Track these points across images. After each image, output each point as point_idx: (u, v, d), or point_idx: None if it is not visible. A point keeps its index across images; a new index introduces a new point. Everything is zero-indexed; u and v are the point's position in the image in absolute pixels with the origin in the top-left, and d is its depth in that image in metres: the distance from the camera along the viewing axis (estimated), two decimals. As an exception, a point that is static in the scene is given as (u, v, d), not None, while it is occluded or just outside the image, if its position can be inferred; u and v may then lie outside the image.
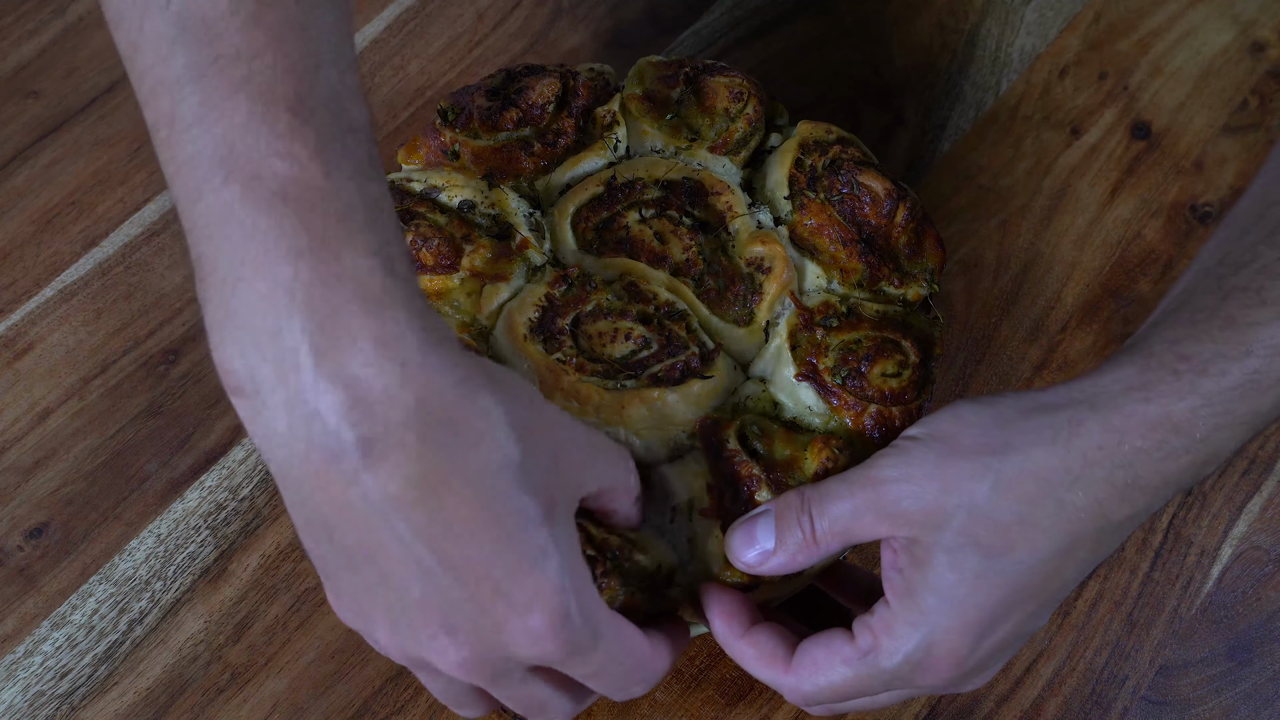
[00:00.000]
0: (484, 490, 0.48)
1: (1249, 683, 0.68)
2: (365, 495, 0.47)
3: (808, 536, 0.57)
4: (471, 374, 0.49)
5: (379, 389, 0.47)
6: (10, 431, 0.72)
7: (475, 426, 0.48)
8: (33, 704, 0.65)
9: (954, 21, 0.90)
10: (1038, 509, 0.54)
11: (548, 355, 0.63)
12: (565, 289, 0.66)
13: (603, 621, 0.52)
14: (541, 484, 0.50)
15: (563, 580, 0.50)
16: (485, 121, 0.71)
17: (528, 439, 0.50)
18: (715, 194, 0.69)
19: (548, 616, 0.50)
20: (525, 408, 0.51)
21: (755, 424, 0.63)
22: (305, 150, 0.48)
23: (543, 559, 0.49)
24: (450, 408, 0.48)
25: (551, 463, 0.51)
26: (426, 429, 0.47)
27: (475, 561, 0.49)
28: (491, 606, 0.49)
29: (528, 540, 0.49)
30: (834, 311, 0.66)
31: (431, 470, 0.48)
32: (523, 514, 0.49)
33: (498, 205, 0.69)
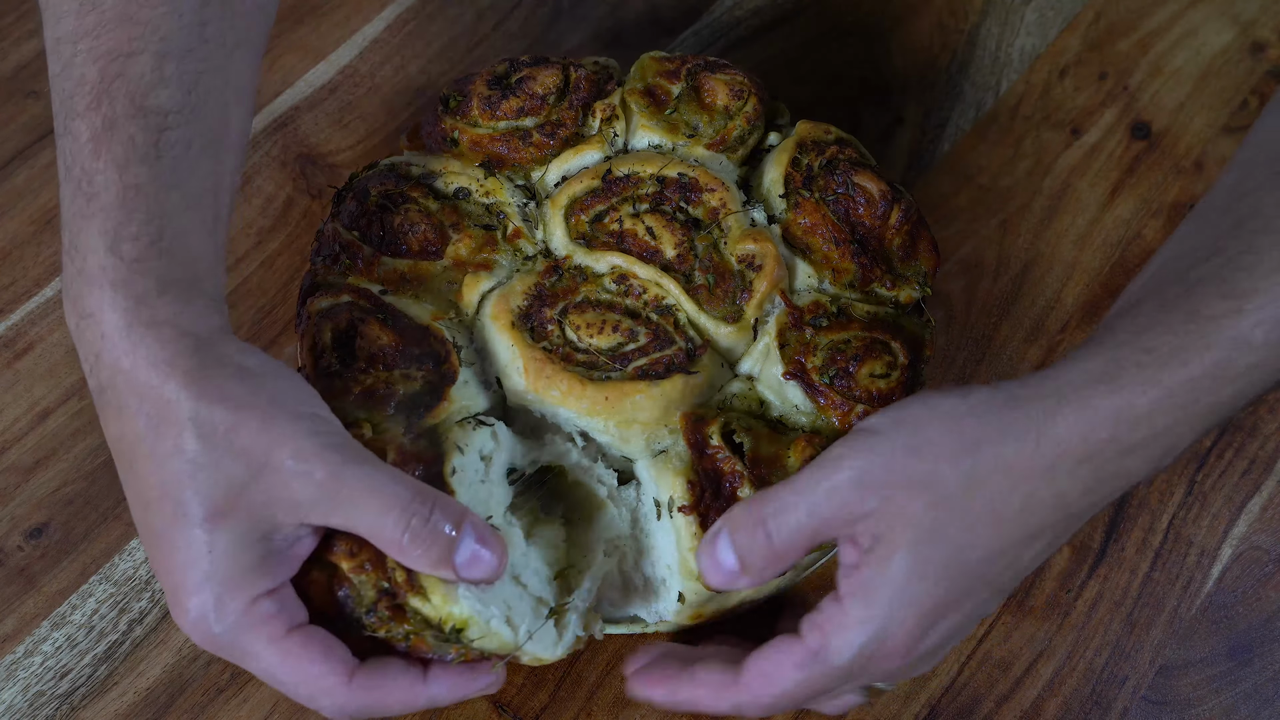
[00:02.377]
0: (159, 473, 0.53)
1: (1249, 683, 0.68)
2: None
3: (768, 552, 0.55)
4: (174, 363, 0.53)
5: (92, 353, 0.54)
6: (10, 431, 0.72)
7: (162, 412, 0.53)
8: (33, 704, 0.65)
9: (954, 21, 0.90)
10: (1005, 504, 0.54)
11: (534, 344, 0.63)
12: (556, 279, 0.66)
13: (251, 642, 0.54)
14: (215, 490, 0.52)
15: (203, 587, 0.53)
16: (486, 109, 0.71)
17: (215, 442, 0.52)
18: (710, 190, 0.69)
19: (189, 614, 0.54)
20: (231, 413, 0.53)
21: (740, 421, 0.63)
22: (88, 131, 0.55)
23: (191, 560, 0.53)
24: (142, 388, 0.53)
25: (245, 476, 0.53)
26: (123, 399, 0.53)
27: (156, 534, 0.54)
28: (166, 580, 0.55)
29: (182, 536, 0.53)
30: (824, 311, 0.66)
31: (125, 436, 0.54)
32: (184, 510, 0.53)
33: (492, 194, 0.69)
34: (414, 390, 0.62)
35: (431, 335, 0.63)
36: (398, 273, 0.67)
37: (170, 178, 0.56)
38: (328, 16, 0.88)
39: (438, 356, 0.63)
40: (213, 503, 0.53)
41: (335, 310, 0.64)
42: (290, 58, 0.86)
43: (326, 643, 0.55)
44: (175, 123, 0.56)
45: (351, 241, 0.67)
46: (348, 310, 0.64)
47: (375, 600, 0.56)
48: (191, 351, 0.53)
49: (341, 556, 0.57)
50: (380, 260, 0.67)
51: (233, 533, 0.53)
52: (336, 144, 0.83)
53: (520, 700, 0.65)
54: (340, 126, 0.83)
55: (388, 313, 0.64)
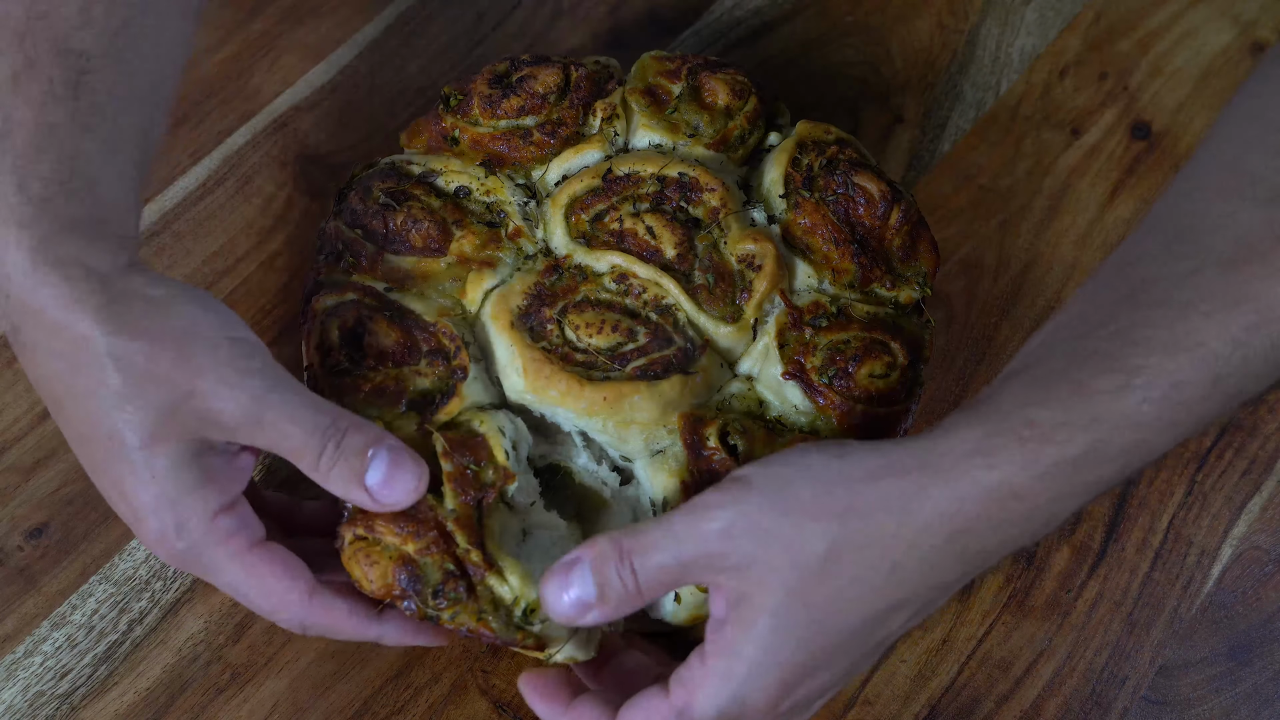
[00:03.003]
0: (87, 408, 0.54)
1: (1249, 683, 0.68)
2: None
3: (630, 589, 0.54)
4: (82, 300, 0.53)
5: (1, 294, 0.54)
6: (10, 431, 0.72)
7: (78, 350, 0.54)
8: (33, 704, 0.65)
9: (954, 21, 0.90)
10: (871, 573, 0.53)
11: (533, 344, 0.64)
12: (556, 278, 0.66)
13: (214, 557, 0.56)
14: (145, 417, 0.54)
15: (158, 506, 0.55)
16: (487, 108, 0.71)
17: (135, 373, 0.53)
18: (710, 190, 0.69)
19: (150, 532, 0.56)
20: (147, 344, 0.54)
21: (735, 424, 0.63)
22: (8, 69, 0.56)
23: (138, 484, 0.55)
24: (54, 327, 0.54)
25: (171, 401, 0.54)
26: (37, 338, 0.54)
27: (99, 466, 0.56)
28: (123, 507, 0.56)
29: (124, 465, 0.55)
30: (824, 311, 0.66)
31: (47, 376, 0.55)
32: (118, 440, 0.54)
33: (493, 193, 0.69)
34: (425, 387, 0.62)
35: (440, 332, 0.64)
36: (402, 270, 0.67)
37: (86, 120, 0.56)
38: (328, 17, 0.88)
39: (448, 353, 0.63)
40: (145, 429, 0.54)
41: (342, 308, 0.64)
42: (290, 58, 0.86)
43: (287, 559, 0.57)
44: (97, 66, 0.57)
45: (355, 239, 0.67)
46: (354, 308, 0.64)
47: (442, 580, 0.56)
48: (99, 288, 0.54)
49: (407, 539, 0.57)
50: (384, 258, 0.67)
51: (170, 455, 0.54)
52: (336, 144, 0.83)
53: (520, 700, 0.65)
54: (340, 126, 0.83)
55: (394, 310, 0.64)
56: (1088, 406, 0.53)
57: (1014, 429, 0.53)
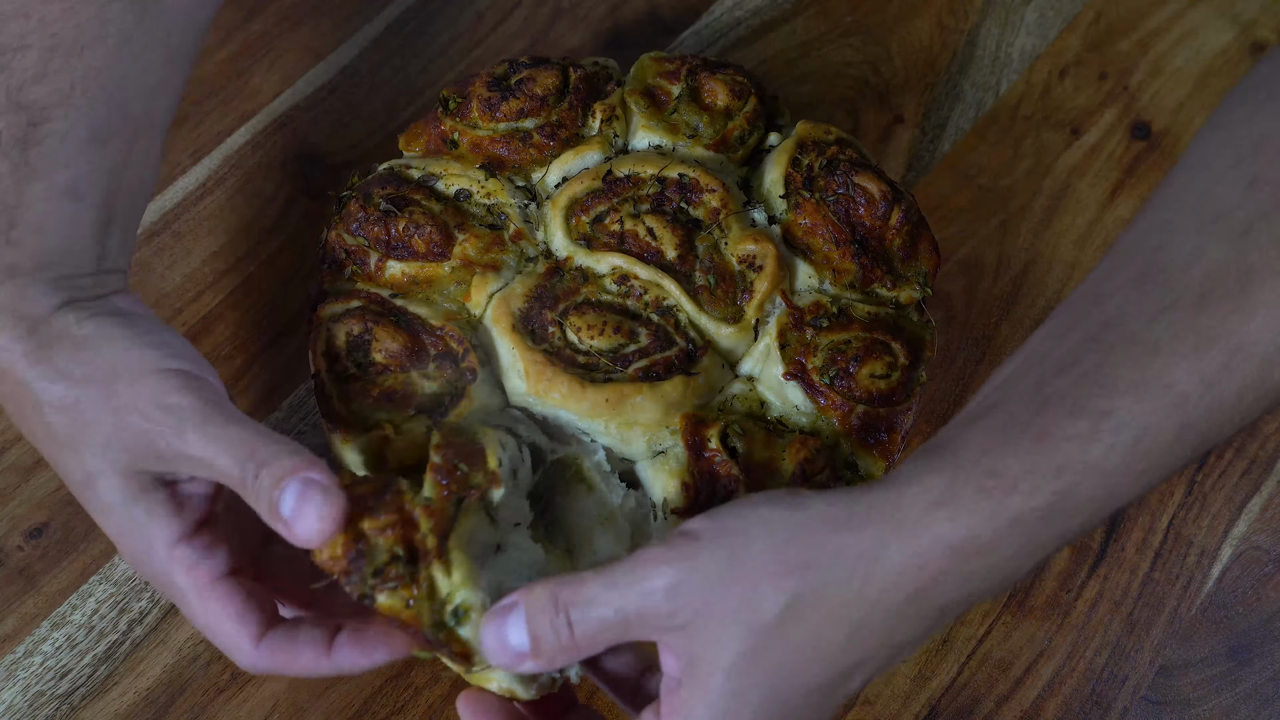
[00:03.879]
0: (42, 445, 0.57)
1: (1249, 683, 0.68)
2: None
3: (565, 641, 0.52)
4: (11, 347, 0.55)
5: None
6: (10, 431, 0.72)
7: (18, 394, 0.56)
8: (33, 704, 0.65)
9: (954, 21, 0.90)
10: (831, 633, 0.50)
11: (534, 346, 0.64)
12: (557, 281, 0.66)
13: (179, 587, 0.56)
14: (87, 456, 0.55)
15: (123, 535, 0.56)
16: (486, 111, 0.71)
17: (66, 414, 0.55)
18: (710, 191, 0.69)
19: (125, 552, 0.57)
20: (74, 388, 0.55)
21: (735, 426, 0.63)
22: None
23: (98, 515, 0.56)
24: (4, 375, 0.56)
25: (104, 440, 0.55)
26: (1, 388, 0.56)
27: (76, 496, 0.57)
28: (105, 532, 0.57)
29: (87, 494, 0.56)
30: (825, 312, 0.66)
31: (12, 415, 0.57)
32: (68, 475, 0.56)
33: (493, 195, 0.69)
34: (434, 390, 0.62)
35: (448, 335, 0.64)
36: (406, 276, 0.67)
37: (34, 168, 0.57)
38: (328, 16, 0.88)
39: (456, 356, 0.63)
40: (85, 468, 0.55)
41: (348, 315, 0.64)
42: (290, 58, 0.86)
43: (244, 601, 0.56)
44: (53, 115, 0.58)
45: (357, 248, 0.67)
46: (360, 314, 0.64)
47: (386, 562, 0.54)
48: (26, 334, 0.55)
49: (365, 516, 0.55)
50: (387, 264, 0.67)
51: (116, 490, 0.55)
52: (336, 144, 0.83)
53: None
54: (340, 126, 0.83)
55: (400, 316, 0.64)
56: (1053, 455, 0.50)
57: (977, 479, 0.50)
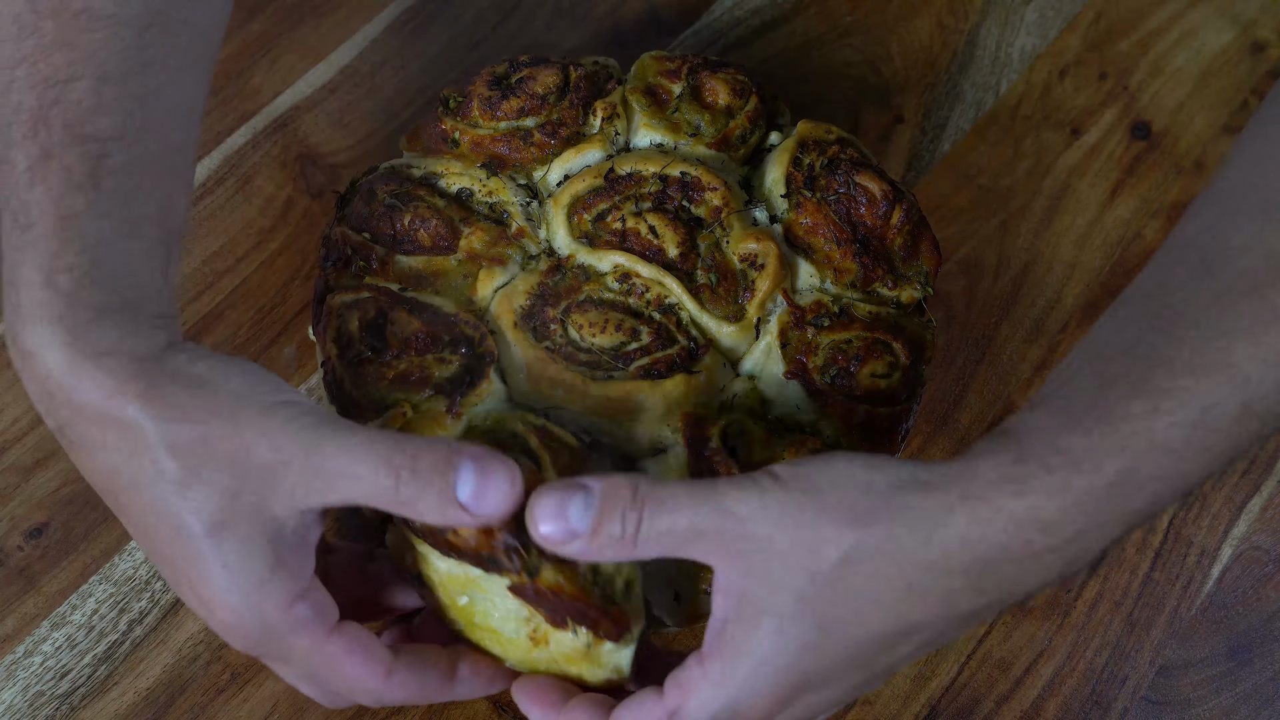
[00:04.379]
0: (147, 498, 0.52)
1: (1249, 683, 0.68)
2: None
3: (628, 536, 0.51)
4: (124, 389, 0.51)
5: (43, 392, 0.53)
6: (10, 431, 0.72)
7: (130, 440, 0.51)
8: (33, 704, 0.65)
9: (954, 21, 0.90)
10: (886, 588, 0.50)
11: (536, 344, 0.64)
12: (559, 279, 0.66)
13: (293, 647, 0.54)
14: (208, 503, 0.52)
15: (230, 597, 0.52)
16: (486, 110, 0.71)
17: (190, 457, 0.51)
18: (712, 189, 0.69)
19: (224, 623, 0.54)
20: (198, 425, 0.51)
21: (734, 425, 0.63)
22: (24, 160, 0.54)
23: (207, 573, 0.52)
24: (102, 420, 0.52)
25: (231, 482, 0.52)
26: (86, 434, 0.52)
27: (165, 556, 0.53)
28: (191, 596, 0.54)
29: (192, 553, 0.52)
30: (826, 311, 0.66)
31: (100, 469, 0.53)
32: (184, 529, 0.52)
33: (495, 194, 0.69)
34: (451, 373, 0.62)
35: (463, 321, 0.64)
36: (413, 270, 0.67)
37: (107, 205, 0.54)
38: (328, 16, 0.88)
39: (472, 340, 0.63)
40: (209, 515, 0.52)
41: (361, 301, 0.64)
42: (290, 58, 0.86)
43: (366, 642, 0.55)
44: (114, 149, 0.55)
45: (362, 243, 0.67)
46: (374, 302, 0.64)
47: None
48: (138, 374, 0.52)
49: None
50: (394, 259, 0.67)
51: (239, 541, 0.52)
52: (336, 144, 0.83)
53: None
54: (340, 126, 0.83)
55: (413, 304, 0.64)
56: (1115, 432, 0.51)
57: (1041, 456, 0.51)
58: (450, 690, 0.58)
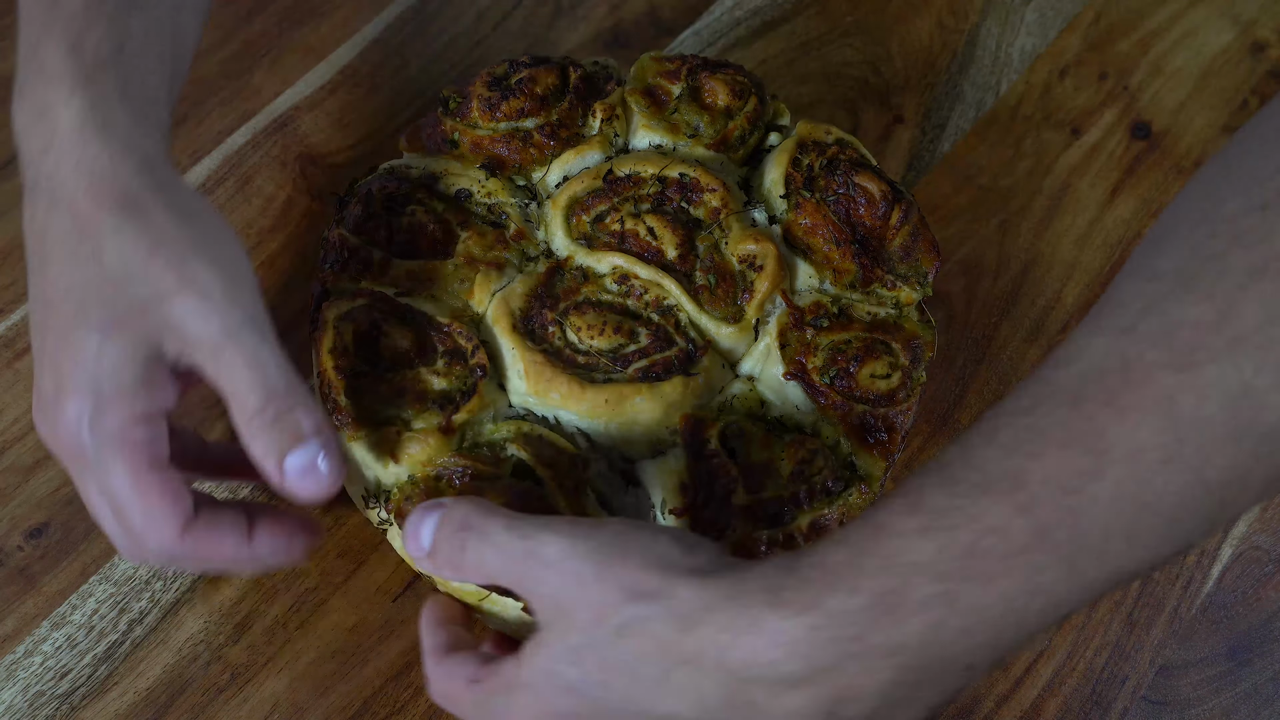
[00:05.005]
0: (69, 275, 0.54)
1: (1249, 683, 0.68)
2: None
3: (455, 560, 0.53)
4: (115, 173, 0.54)
5: (37, 149, 0.55)
6: (10, 431, 0.72)
7: (89, 219, 0.54)
8: (33, 704, 0.65)
9: (954, 21, 0.90)
10: (647, 668, 0.47)
11: (534, 346, 0.64)
12: (557, 280, 0.66)
13: (113, 461, 0.54)
14: (118, 302, 0.54)
15: (86, 391, 0.53)
16: (486, 111, 0.71)
17: (129, 260, 0.54)
18: (710, 190, 0.69)
19: (65, 414, 0.54)
20: (153, 240, 0.54)
21: (733, 427, 0.63)
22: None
23: (79, 362, 0.54)
24: (76, 190, 0.54)
25: (148, 297, 0.54)
26: (55, 195, 0.55)
27: (49, 331, 0.55)
28: (50, 378, 0.55)
29: (77, 338, 0.54)
30: (825, 312, 0.66)
31: (47, 232, 0.55)
32: (84, 314, 0.54)
33: (494, 195, 0.69)
34: (443, 387, 0.62)
35: (455, 332, 0.64)
36: (410, 274, 0.67)
37: (132, 3, 0.57)
38: (328, 16, 0.88)
39: (464, 353, 0.63)
40: (113, 313, 0.54)
41: (355, 312, 0.64)
42: (290, 58, 0.86)
43: (177, 490, 0.55)
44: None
45: (359, 246, 0.67)
46: (367, 312, 0.64)
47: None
48: (136, 168, 0.55)
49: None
50: (391, 263, 0.67)
51: (124, 346, 0.54)
52: (336, 144, 0.83)
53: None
54: (340, 126, 0.83)
55: (408, 312, 0.64)
56: (880, 549, 0.46)
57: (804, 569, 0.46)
58: (249, 552, 0.57)
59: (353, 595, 0.68)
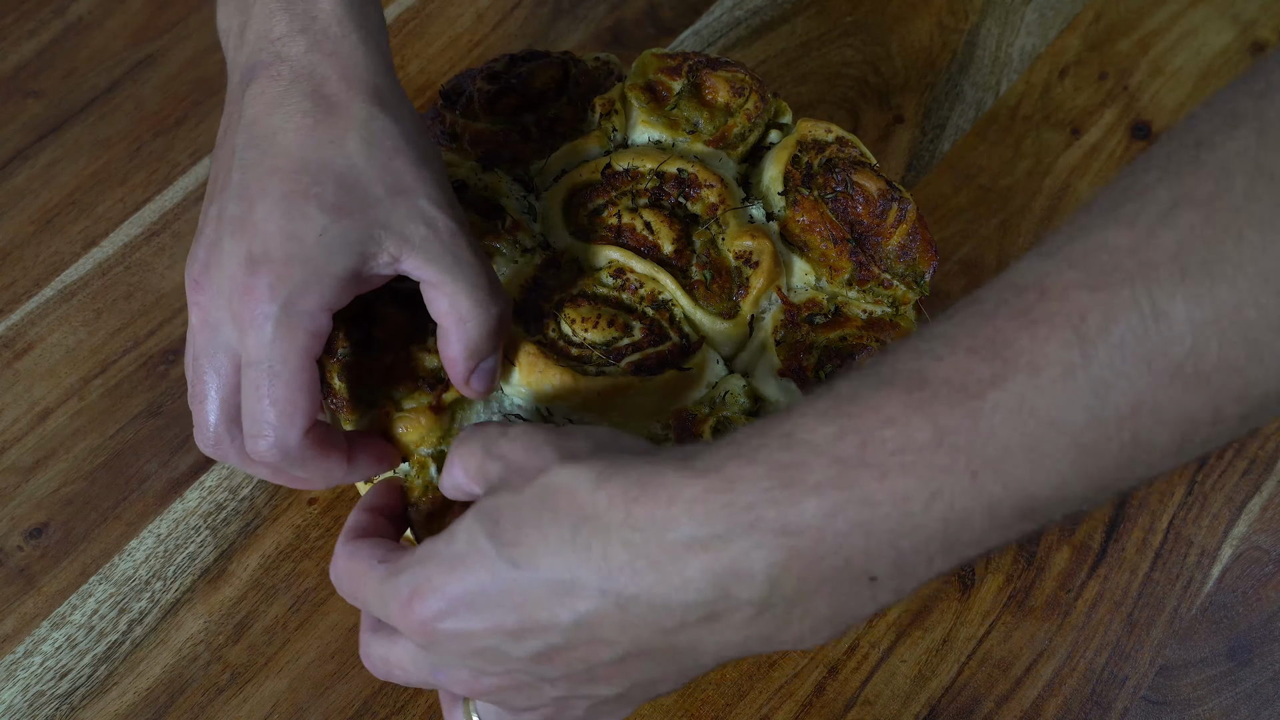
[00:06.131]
0: (308, 152, 0.55)
1: (1249, 683, 0.68)
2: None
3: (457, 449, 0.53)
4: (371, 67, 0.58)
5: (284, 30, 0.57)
6: (10, 431, 0.72)
7: (338, 104, 0.56)
8: (33, 704, 0.65)
9: (954, 21, 0.90)
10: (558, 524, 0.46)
11: (528, 338, 0.64)
12: (552, 273, 0.66)
13: (288, 337, 0.54)
14: (355, 189, 0.55)
15: (294, 261, 0.54)
16: (485, 105, 0.72)
17: (374, 152, 0.56)
18: (708, 186, 0.69)
19: (264, 278, 0.54)
20: (401, 135, 0.57)
21: (730, 421, 0.63)
22: None
23: (297, 233, 0.54)
24: (327, 74, 0.57)
25: (383, 192, 0.56)
26: (301, 74, 0.57)
27: (271, 196, 0.55)
28: (253, 240, 0.55)
29: (302, 210, 0.54)
30: (820, 309, 0.67)
31: (284, 107, 0.56)
32: (318, 190, 0.55)
33: (492, 188, 0.69)
34: (436, 365, 0.62)
35: None
36: None
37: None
38: (328, 16, 0.88)
39: None
40: (347, 199, 0.55)
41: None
42: (290, 58, 0.86)
43: (319, 393, 0.56)
44: None
45: None
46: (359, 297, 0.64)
47: None
48: (385, 69, 0.58)
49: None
50: None
51: (347, 233, 0.55)
52: (336, 144, 0.83)
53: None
54: (340, 126, 0.83)
55: (397, 296, 0.64)
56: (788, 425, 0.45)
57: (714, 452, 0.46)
58: (346, 469, 0.58)
59: (352, 595, 0.68)
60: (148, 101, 0.85)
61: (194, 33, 0.88)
